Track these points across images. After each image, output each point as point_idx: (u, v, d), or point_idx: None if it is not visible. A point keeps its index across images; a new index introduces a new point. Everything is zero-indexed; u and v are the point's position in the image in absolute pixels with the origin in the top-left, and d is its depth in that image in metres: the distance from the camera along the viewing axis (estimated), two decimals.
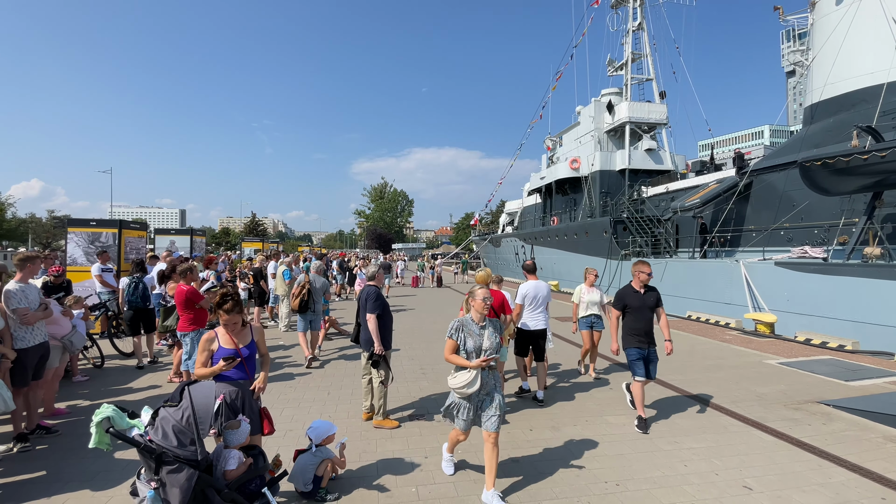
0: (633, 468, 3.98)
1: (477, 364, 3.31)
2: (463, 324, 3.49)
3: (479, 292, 3.53)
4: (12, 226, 49.01)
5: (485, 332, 3.48)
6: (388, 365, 4.89)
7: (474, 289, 3.61)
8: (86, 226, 9.71)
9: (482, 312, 3.51)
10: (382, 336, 4.85)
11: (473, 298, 3.55)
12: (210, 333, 3.25)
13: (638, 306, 4.99)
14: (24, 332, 4.45)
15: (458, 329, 3.47)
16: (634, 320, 4.99)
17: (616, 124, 26.09)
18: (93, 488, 3.61)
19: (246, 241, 23.72)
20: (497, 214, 55.64)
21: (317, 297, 7.85)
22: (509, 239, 34.57)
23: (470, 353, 3.40)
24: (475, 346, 3.40)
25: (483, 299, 3.48)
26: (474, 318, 3.52)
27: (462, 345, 3.43)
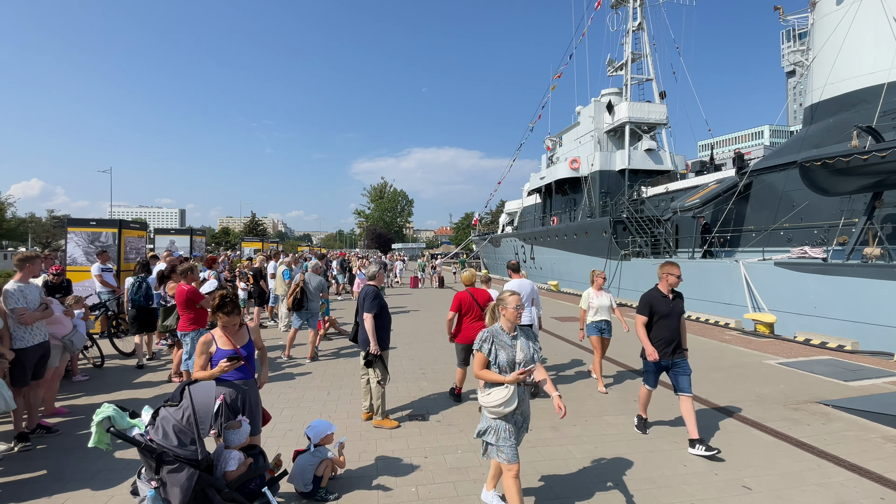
0: (632, 468, 3.99)
1: (513, 378, 2.91)
2: (493, 334, 3.08)
3: (511, 299, 3.10)
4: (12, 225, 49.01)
5: (517, 342, 3.08)
6: (384, 365, 4.89)
7: (503, 295, 3.18)
8: (86, 225, 9.71)
9: (515, 321, 3.11)
10: (379, 336, 4.85)
11: (504, 306, 3.11)
12: (207, 336, 3.25)
13: (666, 313, 4.51)
14: (24, 331, 4.45)
15: (487, 341, 3.06)
16: (661, 328, 4.52)
17: (616, 124, 26.10)
18: (93, 487, 3.62)
19: (246, 241, 23.71)
20: (497, 214, 55.65)
21: (312, 296, 7.87)
22: (509, 239, 34.59)
23: (503, 368, 3.01)
24: (508, 360, 3.01)
25: (516, 307, 3.06)
26: (505, 328, 3.12)
27: (493, 359, 3.03)
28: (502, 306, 3.15)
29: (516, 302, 3.09)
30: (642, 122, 25.38)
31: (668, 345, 4.48)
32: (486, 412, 3.04)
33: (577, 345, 8.98)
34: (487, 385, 3.07)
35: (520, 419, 3.08)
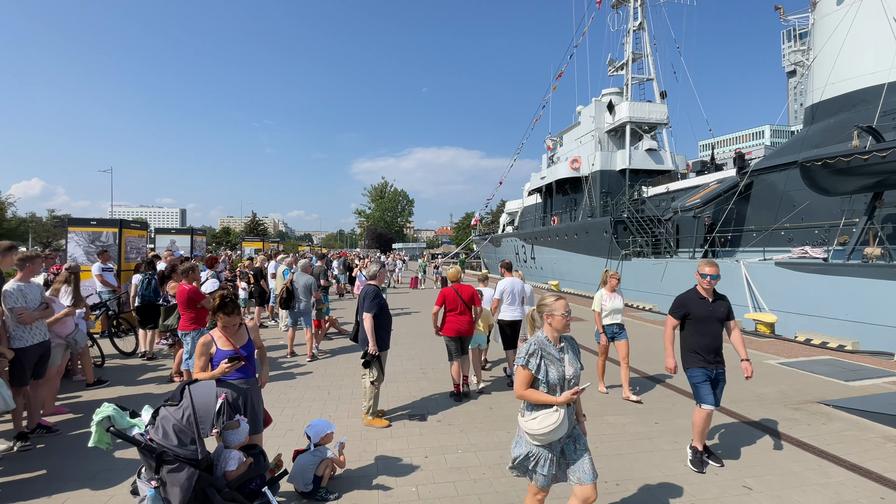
0: (632, 468, 3.99)
1: (566, 399, 2.51)
2: (541, 347, 2.63)
3: (558, 304, 2.66)
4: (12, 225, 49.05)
5: (565, 355, 2.68)
6: (380, 365, 4.88)
7: (546, 300, 2.72)
8: (86, 225, 9.72)
9: (563, 331, 2.69)
10: (379, 336, 4.85)
11: (550, 313, 2.66)
12: (206, 337, 3.25)
13: (704, 317, 4.07)
14: (23, 331, 4.45)
15: (535, 355, 2.60)
16: (699, 334, 4.08)
17: (616, 124, 26.10)
18: (93, 487, 3.62)
19: (246, 241, 23.72)
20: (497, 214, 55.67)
21: (300, 294, 7.89)
22: (509, 239, 34.59)
23: (553, 386, 2.57)
24: (559, 376, 2.58)
25: (564, 314, 2.63)
26: (551, 338, 2.68)
27: (543, 376, 2.58)
28: (547, 312, 2.68)
29: (564, 308, 2.65)
30: (643, 122, 25.37)
31: (708, 352, 4.03)
32: (528, 437, 2.58)
33: (580, 345, 8.97)
34: (531, 407, 2.61)
35: (569, 445, 2.65)
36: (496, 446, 4.39)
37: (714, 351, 4.05)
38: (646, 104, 25.89)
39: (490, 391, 6.10)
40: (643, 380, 6.68)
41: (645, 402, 5.67)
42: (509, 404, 5.59)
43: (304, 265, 8.40)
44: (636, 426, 4.94)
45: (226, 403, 2.61)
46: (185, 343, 5.85)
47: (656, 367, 7.23)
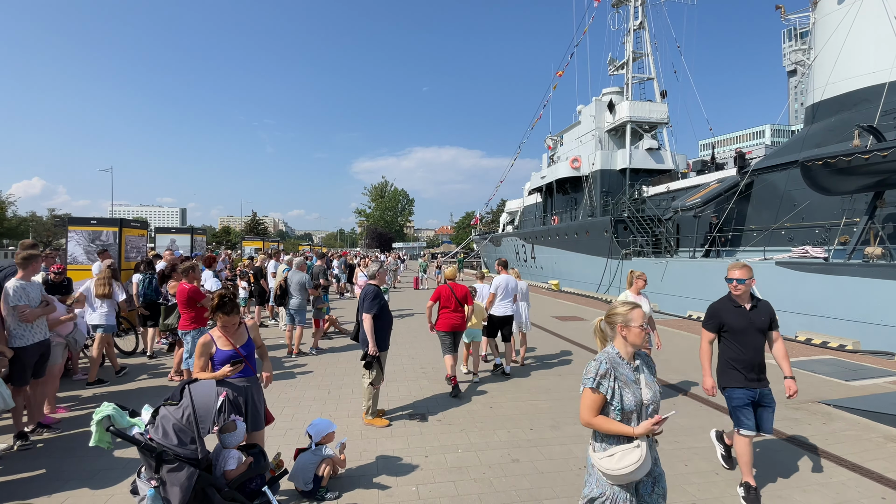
0: None
1: (646, 430, 2.10)
2: (613, 366, 2.22)
3: (634, 314, 2.24)
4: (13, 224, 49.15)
5: (641, 375, 2.27)
6: (380, 366, 4.88)
7: (617, 308, 2.31)
8: (86, 224, 9.72)
9: (640, 345, 2.28)
10: (379, 337, 4.85)
11: (626, 323, 2.24)
12: (206, 337, 3.24)
13: (741, 327, 3.51)
14: (24, 330, 4.45)
15: (608, 375, 2.20)
16: (736, 347, 3.54)
17: (617, 123, 26.09)
18: (93, 487, 3.62)
19: (247, 240, 23.72)
20: (497, 214, 55.66)
21: (294, 292, 7.94)
22: (510, 238, 34.59)
23: (628, 413, 2.17)
24: (635, 402, 2.17)
25: (642, 325, 2.23)
26: (624, 355, 2.27)
27: (617, 402, 2.18)
28: (621, 323, 2.26)
29: (641, 318, 2.23)
30: (643, 122, 25.36)
31: (749, 368, 3.49)
32: (602, 475, 2.19)
33: (579, 344, 8.98)
34: (604, 439, 2.23)
35: (647, 486, 2.23)
36: (496, 446, 4.38)
37: (756, 367, 3.49)
38: (646, 103, 25.89)
39: (489, 390, 6.10)
40: None
41: None
42: (509, 404, 5.58)
43: (299, 263, 8.41)
44: None
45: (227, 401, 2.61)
46: (186, 342, 5.84)
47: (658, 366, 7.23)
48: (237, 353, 3.19)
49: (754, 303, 3.58)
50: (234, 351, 3.20)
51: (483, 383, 6.44)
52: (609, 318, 2.33)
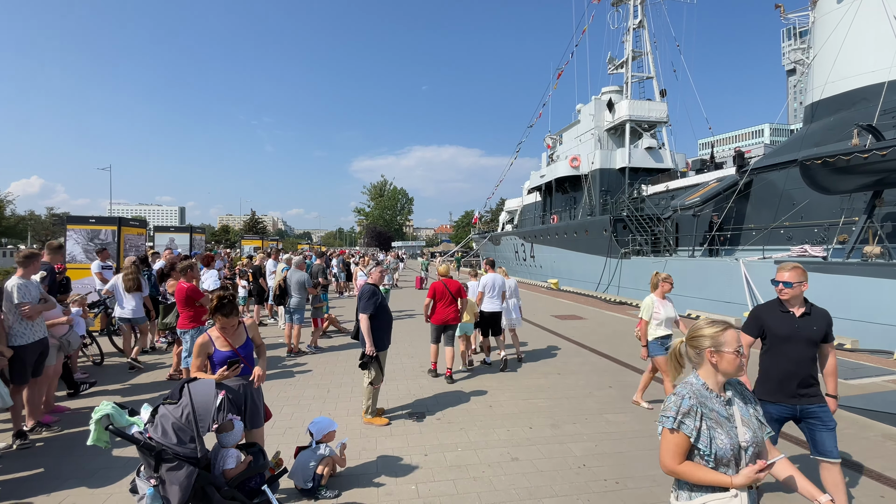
0: (632, 466, 3.99)
1: (748, 479, 1.67)
2: (701, 401, 1.80)
3: (728, 336, 1.82)
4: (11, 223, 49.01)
5: (734, 409, 1.83)
6: (379, 366, 4.86)
7: (703, 330, 1.87)
8: (85, 223, 9.68)
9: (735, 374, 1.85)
10: (377, 336, 4.84)
11: (718, 349, 1.81)
12: (204, 338, 3.23)
13: (785, 335, 3.07)
14: (24, 328, 4.45)
15: (693, 414, 1.77)
16: (776, 356, 3.12)
17: (616, 122, 26.08)
18: (91, 486, 3.61)
19: (246, 239, 23.69)
20: (497, 213, 55.64)
21: (293, 291, 7.99)
22: (509, 237, 34.61)
23: (723, 460, 1.74)
24: (731, 445, 1.74)
25: (737, 350, 1.80)
26: (712, 387, 1.84)
27: (706, 446, 1.74)
28: (711, 348, 1.83)
29: (736, 341, 1.82)
30: (643, 121, 25.36)
31: (787, 380, 3.04)
32: None
33: (579, 343, 8.98)
34: (692, 487, 1.79)
35: None
36: (495, 444, 4.39)
37: (797, 380, 3.02)
38: (645, 102, 25.88)
39: (488, 389, 6.10)
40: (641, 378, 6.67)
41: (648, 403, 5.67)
42: (508, 402, 5.59)
43: (298, 262, 8.41)
44: (635, 424, 4.94)
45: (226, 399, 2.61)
46: (184, 341, 5.84)
47: None
48: (235, 354, 3.19)
49: (807, 309, 3.14)
50: (232, 352, 3.20)
51: (482, 382, 6.44)
52: (694, 341, 1.89)
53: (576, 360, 7.65)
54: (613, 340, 9.22)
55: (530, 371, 6.99)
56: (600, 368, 7.19)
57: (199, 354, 3.18)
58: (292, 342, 7.90)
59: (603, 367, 7.31)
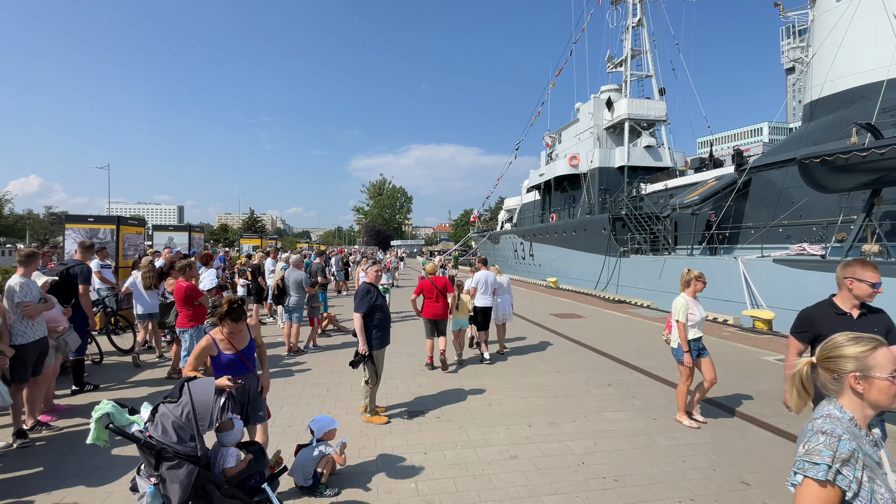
0: (631, 464, 4.00)
1: None
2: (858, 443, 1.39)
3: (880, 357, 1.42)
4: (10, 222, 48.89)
5: (882, 452, 1.47)
6: (374, 365, 4.84)
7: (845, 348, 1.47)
8: (83, 222, 9.67)
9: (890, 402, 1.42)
10: (371, 335, 4.84)
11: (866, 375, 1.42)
12: (207, 340, 3.26)
13: None
14: (25, 327, 4.45)
15: (853, 460, 1.35)
16: None
17: (615, 121, 26.07)
18: (91, 484, 3.62)
19: (244, 238, 23.66)
20: (496, 211, 55.63)
21: (292, 290, 8.05)
22: (508, 236, 34.62)
23: None
24: (892, 499, 1.36)
25: (893, 375, 1.39)
26: (860, 422, 1.45)
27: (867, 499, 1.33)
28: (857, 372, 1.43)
29: (891, 363, 1.40)
30: (642, 119, 25.35)
31: None
32: None
33: (578, 341, 9.00)
34: None
35: None
36: (495, 442, 4.40)
37: None
38: (644, 101, 25.87)
39: (486, 388, 6.10)
40: (640, 376, 6.69)
41: (642, 399, 5.69)
42: (507, 401, 5.60)
43: (296, 261, 8.42)
44: (634, 422, 4.95)
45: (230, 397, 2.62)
46: (184, 340, 5.83)
47: (654, 363, 7.25)
48: (240, 357, 3.25)
49: (863, 311, 2.85)
50: (236, 355, 3.26)
51: (481, 381, 6.45)
52: (831, 362, 1.48)
53: (574, 359, 7.67)
54: (612, 339, 9.24)
55: (529, 369, 7.00)
56: (599, 366, 7.21)
57: (199, 357, 3.19)
58: (291, 341, 7.91)
59: (602, 365, 7.32)
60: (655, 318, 11.75)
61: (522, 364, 7.31)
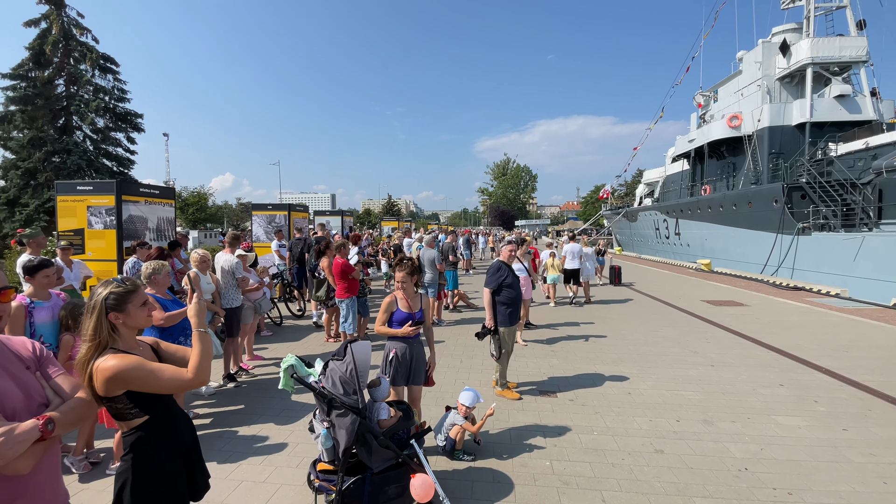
0: (811, 478, 3.38)
1: None
2: None
3: None
4: (212, 211, 62.08)
5: None
6: (500, 341, 4.87)
7: None
8: (264, 209, 11.77)
9: None
10: (500, 312, 4.91)
11: None
12: (391, 297, 3.76)
13: None
14: (234, 294, 5.68)
15: None
16: None
17: (793, 68, 21.25)
18: (279, 422, 4.45)
19: (385, 221, 26.02)
20: (633, 186, 50.89)
21: (426, 267, 8.49)
22: (648, 212, 31.31)
23: None
24: None
25: None
26: None
27: None
28: None
29: None
30: (831, 62, 20.20)
31: None
32: None
33: (738, 332, 7.84)
34: None
35: None
36: (635, 433, 4.13)
37: None
38: (835, 39, 20.48)
39: (629, 376, 5.71)
40: (824, 378, 5.55)
41: (831, 406, 4.72)
42: (650, 391, 5.18)
43: (429, 240, 8.90)
44: (816, 431, 4.15)
45: (396, 357, 2.91)
46: (342, 308, 6.69)
47: (845, 363, 5.94)
48: (413, 316, 3.66)
49: None
50: (410, 313, 3.67)
51: (619, 368, 6.07)
52: None
53: (734, 352, 6.69)
54: (786, 332, 7.81)
55: (676, 360, 6.34)
56: (767, 363, 6.18)
57: (385, 311, 3.70)
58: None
59: (770, 361, 6.26)
60: (848, 310, 9.53)
61: (668, 354, 6.65)
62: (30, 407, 1.54)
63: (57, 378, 1.68)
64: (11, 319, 3.22)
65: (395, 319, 3.67)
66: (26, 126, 21.88)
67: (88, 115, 22.60)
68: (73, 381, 1.72)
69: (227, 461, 3.70)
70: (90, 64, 23.27)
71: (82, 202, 6.81)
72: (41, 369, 1.67)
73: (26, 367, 1.62)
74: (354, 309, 6.60)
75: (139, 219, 7.22)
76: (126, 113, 24.86)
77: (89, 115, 22.61)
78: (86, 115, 22.62)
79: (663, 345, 7.11)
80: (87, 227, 6.81)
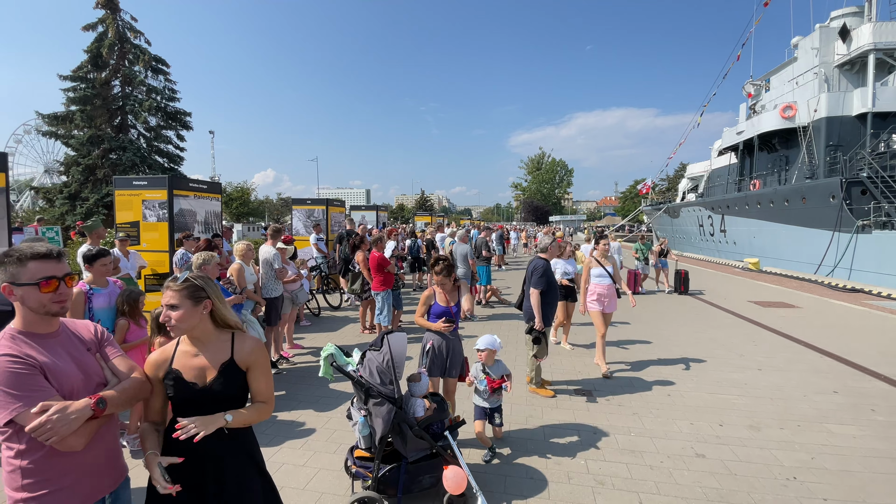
0: (866, 490, 3.18)
1: None
2: None
3: None
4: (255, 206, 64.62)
5: None
6: (546, 341, 4.88)
7: None
8: (304, 204, 12.14)
9: None
10: (544, 312, 4.83)
11: None
12: (430, 290, 3.85)
13: None
14: (274, 284, 5.89)
15: None
16: None
17: (854, 54, 19.72)
18: (317, 409, 4.61)
19: (418, 216, 26.24)
20: (675, 180, 48.95)
21: (458, 262, 8.53)
22: (692, 208, 29.98)
23: None
24: None
25: None
26: None
27: None
28: None
29: None
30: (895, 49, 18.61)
31: None
32: None
33: (788, 335, 7.43)
34: None
35: None
36: (675, 436, 4.01)
37: None
38: None
39: (665, 378, 5.54)
40: (884, 386, 5.18)
41: (890, 415, 4.42)
42: (691, 394, 5.01)
43: (462, 235, 8.92)
44: (873, 441, 3.89)
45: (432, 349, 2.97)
46: (377, 301, 6.83)
47: None
48: (450, 311, 3.71)
49: None
50: (447, 307, 3.73)
51: (659, 371, 5.90)
52: None
53: (783, 356, 6.35)
54: (841, 336, 7.33)
55: (721, 363, 6.08)
56: (820, 369, 5.82)
57: (424, 303, 3.79)
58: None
59: (823, 367, 5.90)
60: None
61: (712, 356, 6.38)
62: (88, 387, 1.62)
63: (115, 360, 1.77)
64: (73, 304, 3.49)
65: (432, 312, 3.75)
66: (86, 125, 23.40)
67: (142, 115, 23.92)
68: (130, 363, 1.82)
69: (269, 444, 3.87)
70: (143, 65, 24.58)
71: (138, 196, 7.24)
72: (101, 351, 1.76)
73: (87, 349, 1.71)
74: (390, 301, 6.72)
75: (189, 212, 7.61)
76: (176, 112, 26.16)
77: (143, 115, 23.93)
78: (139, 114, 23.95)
79: (707, 346, 6.84)
80: (142, 219, 7.24)
